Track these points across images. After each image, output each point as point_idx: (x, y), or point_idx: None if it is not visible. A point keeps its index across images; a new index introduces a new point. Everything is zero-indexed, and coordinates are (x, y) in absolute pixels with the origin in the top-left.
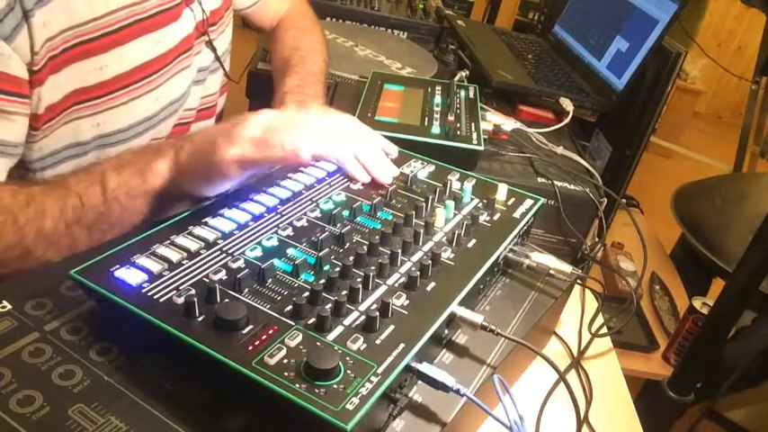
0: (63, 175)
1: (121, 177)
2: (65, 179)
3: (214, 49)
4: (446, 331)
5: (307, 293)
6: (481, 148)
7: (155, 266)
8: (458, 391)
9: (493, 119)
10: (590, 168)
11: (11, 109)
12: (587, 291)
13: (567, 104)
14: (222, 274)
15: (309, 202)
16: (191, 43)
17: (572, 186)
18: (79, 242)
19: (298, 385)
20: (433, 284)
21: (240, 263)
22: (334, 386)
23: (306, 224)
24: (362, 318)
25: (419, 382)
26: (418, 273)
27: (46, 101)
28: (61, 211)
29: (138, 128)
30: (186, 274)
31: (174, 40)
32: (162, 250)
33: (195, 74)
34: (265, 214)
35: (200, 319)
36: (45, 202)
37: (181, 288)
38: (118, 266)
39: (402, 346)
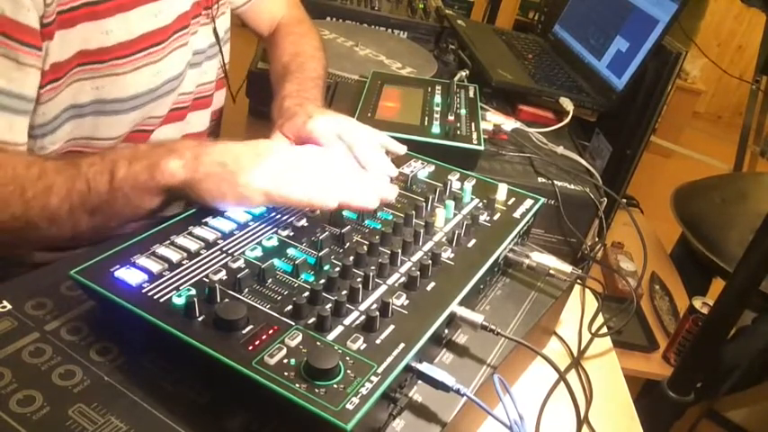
0: (78, 157)
1: (131, 169)
2: (78, 161)
3: (215, 30)
4: (446, 331)
5: (307, 293)
6: (481, 147)
7: (155, 266)
8: (458, 391)
9: (493, 119)
10: (590, 168)
11: (28, 61)
12: (587, 291)
13: (567, 104)
14: (222, 274)
15: None
16: (187, 21)
17: (572, 186)
18: (81, 225)
19: (298, 385)
20: (432, 284)
21: (240, 263)
22: (334, 386)
23: (306, 224)
24: (362, 317)
25: (419, 381)
26: (418, 273)
27: (52, 57)
28: (68, 192)
29: (137, 100)
30: (186, 274)
31: (171, 14)
32: (162, 250)
33: (191, 56)
34: (265, 214)
35: (200, 319)
36: (55, 179)
37: (181, 288)
38: (118, 266)
39: (402, 345)
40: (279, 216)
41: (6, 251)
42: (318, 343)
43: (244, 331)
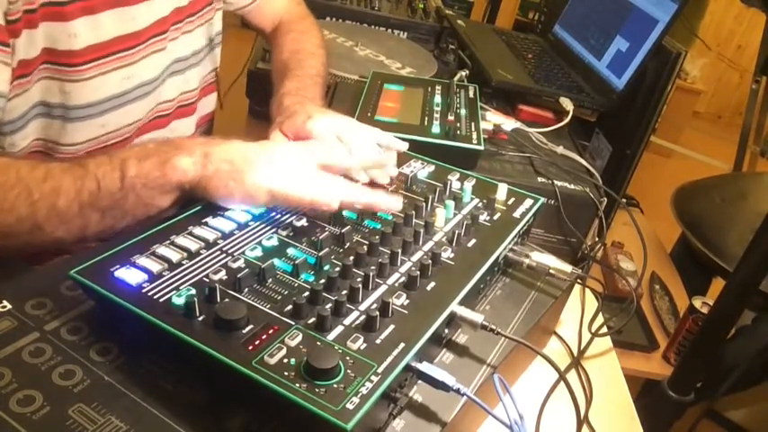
0: (82, 157)
1: (142, 167)
2: (85, 161)
3: (210, 37)
4: (446, 331)
5: (307, 293)
6: (481, 147)
7: (155, 266)
8: (458, 391)
9: (493, 118)
10: (590, 168)
11: None
12: (587, 290)
13: (567, 104)
14: (222, 274)
15: None
16: (166, 26)
17: (572, 186)
18: (91, 225)
19: (298, 385)
20: (433, 284)
21: (240, 263)
22: (335, 386)
23: (306, 224)
24: (362, 317)
25: (419, 381)
26: (418, 272)
27: (19, 55)
28: (77, 192)
29: (105, 104)
30: (186, 274)
31: (148, 18)
32: (162, 250)
33: (171, 62)
34: (265, 214)
35: (200, 318)
36: (62, 180)
37: (181, 288)
38: (118, 266)
39: (402, 345)
40: (279, 216)
41: (13, 256)
42: (318, 343)
43: (244, 331)
